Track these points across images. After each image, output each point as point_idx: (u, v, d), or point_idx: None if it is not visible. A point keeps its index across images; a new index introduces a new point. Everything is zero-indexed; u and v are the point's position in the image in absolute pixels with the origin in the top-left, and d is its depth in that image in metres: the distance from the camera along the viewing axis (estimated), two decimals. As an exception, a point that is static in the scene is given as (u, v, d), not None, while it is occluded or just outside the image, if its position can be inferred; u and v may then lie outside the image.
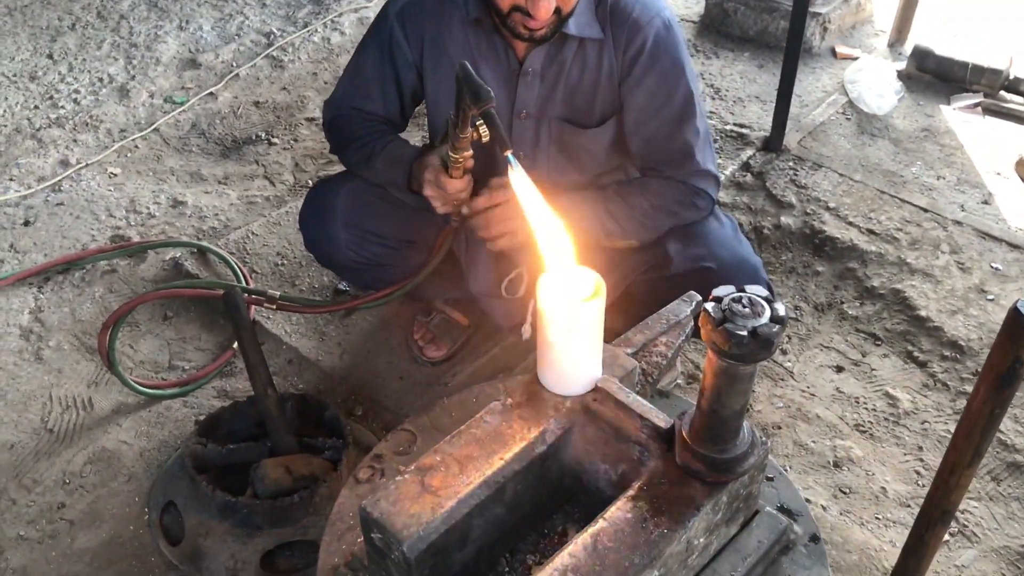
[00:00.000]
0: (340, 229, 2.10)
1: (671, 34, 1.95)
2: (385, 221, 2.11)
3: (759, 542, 1.38)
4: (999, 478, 2.17)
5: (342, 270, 2.30)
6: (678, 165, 2.03)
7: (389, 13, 2.01)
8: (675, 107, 1.98)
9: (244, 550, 1.90)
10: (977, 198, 2.98)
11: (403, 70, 2.04)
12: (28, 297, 2.62)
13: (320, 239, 2.16)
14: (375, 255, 2.14)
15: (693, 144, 2.01)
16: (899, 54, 3.75)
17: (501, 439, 1.35)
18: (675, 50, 1.96)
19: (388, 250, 2.14)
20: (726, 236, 2.07)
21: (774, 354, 1.62)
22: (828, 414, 2.32)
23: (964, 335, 2.48)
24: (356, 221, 2.10)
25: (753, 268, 2.01)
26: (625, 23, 1.92)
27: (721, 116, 3.35)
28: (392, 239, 2.13)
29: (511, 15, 1.81)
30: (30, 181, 3.06)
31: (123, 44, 3.75)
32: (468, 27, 1.94)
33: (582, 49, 1.94)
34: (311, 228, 2.17)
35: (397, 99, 2.09)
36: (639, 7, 1.92)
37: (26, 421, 2.27)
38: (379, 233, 2.12)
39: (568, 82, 1.97)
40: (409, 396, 2.30)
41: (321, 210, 2.13)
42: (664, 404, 1.66)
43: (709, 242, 2.03)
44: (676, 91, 1.98)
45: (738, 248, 2.04)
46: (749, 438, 1.30)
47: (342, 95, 2.14)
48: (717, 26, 3.92)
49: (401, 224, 2.13)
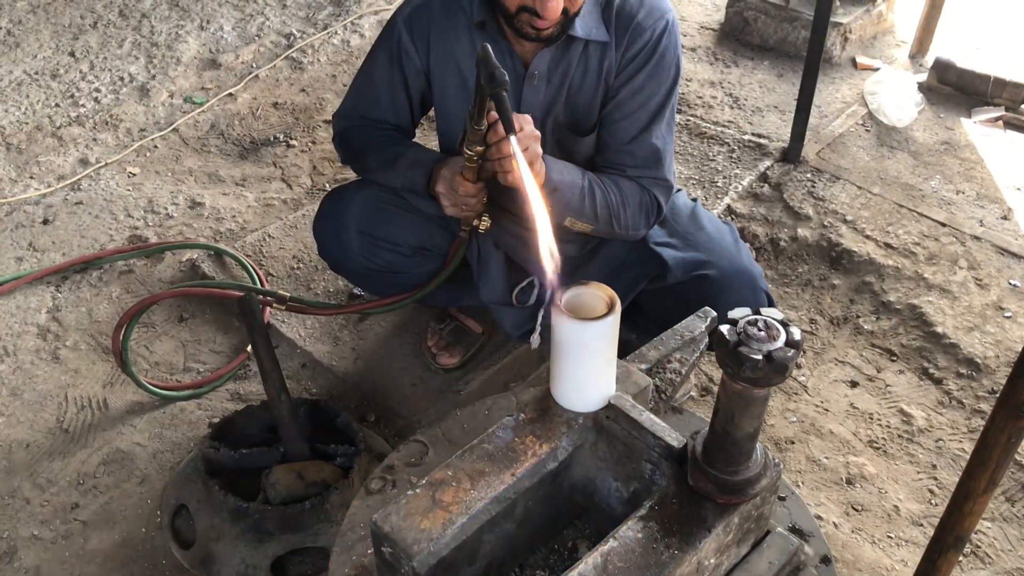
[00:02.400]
0: (353, 236, 2.11)
1: (670, 39, 1.95)
2: (399, 229, 2.12)
3: (770, 563, 1.38)
4: (1013, 499, 2.16)
5: (355, 277, 2.30)
6: (643, 167, 2.01)
7: (397, 20, 2.02)
8: (650, 109, 1.98)
9: (255, 555, 1.91)
10: (996, 213, 2.96)
11: (412, 76, 2.05)
12: (46, 296, 2.64)
13: (333, 246, 2.17)
14: (388, 263, 2.14)
15: (658, 148, 1.99)
16: (920, 66, 3.72)
17: (513, 455, 1.35)
18: (668, 55, 1.95)
19: (401, 258, 2.14)
20: (725, 244, 2.06)
21: (788, 378, 1.61)
22: (842, 430, 2.31)
23: (981, 352, 2.46)
24: (369, 229, 2.10)
25: (751, 277, 2.01)
26: (629, 26, 1.92)
27: (739, 126, 3.34)
28: (405, 247, 2.14)
29: (519, 15, 1.80)
30: (50, 179, 3.09)
31: (144, 43, 3.77)
32: (473, 31, 1.94)
33: (586, 52, 1.94)
34: (324, 235, 2.18)
35: (407, 106, 2.10)
36: (644, 10, 1.92)
37: (42, 421, 2.29)
38: (392, 240, 2.12)
39: (572, 85, 1.97)
40: (422, 403, 2.31)
41: (335, 217, 2.14)
42: (677, 421, 1.66)
43: (709, 250, 2.02)
44: (656, 94, 1.97)
45: (737, 257, 2.03)
46: (762, 459, 1.30)
47: (351, 106, 2.14)
48: (737, 34, 3.91)
49: (414, 232, 2.14)
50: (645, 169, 2.01)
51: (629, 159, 2.01)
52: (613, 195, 1.98)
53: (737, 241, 2.10)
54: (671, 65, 1.96)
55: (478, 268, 2.18)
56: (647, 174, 2.01)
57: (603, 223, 2.00)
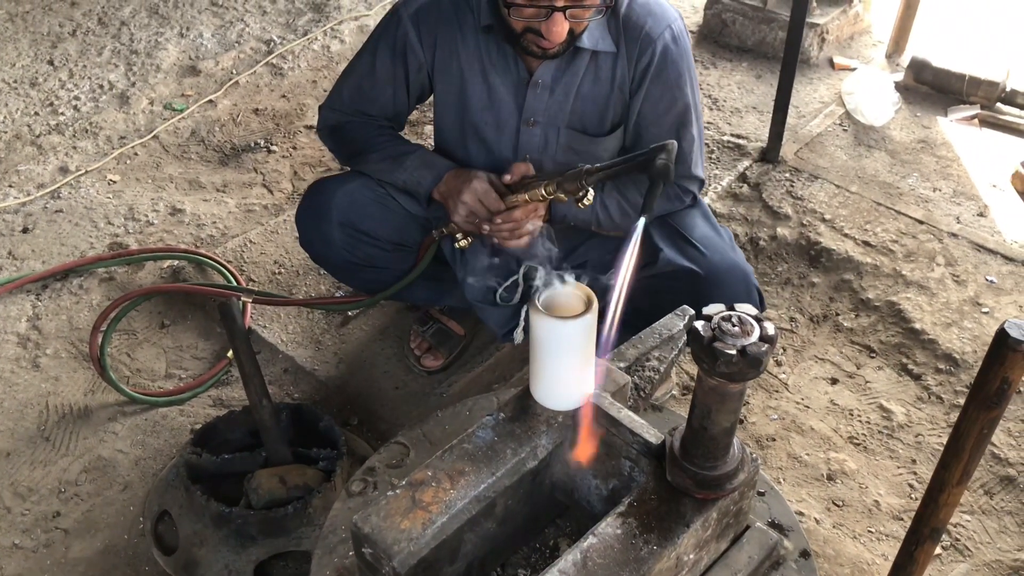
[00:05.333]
0: (335, 228, 2.11)
1: (679, 46, 1.98)
2: (379, 224, 2.12)
3: (749, 558, 1.39)
4: (992, 492, 2.18)
5: (336, 270, 2.29)
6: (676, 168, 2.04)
7: (402, 15, 2.01)
8: (675, 115, 2.01)
9: (238, 560, 1.91)
10: (973, 210, 2.99)
11: (413, 72, 2.05)
12: (26, 304, 2.63)
13: (315, 238, 2.17)
14: (368, 256, 2.15)
15: (688, 151, 2.04)
16: (897, 65, 3.76)
17: (493, 454, 1.36)
18: (681, 61, 1.98)
19: (381, 252, 2.15)
20: (721, 242, 2.07)
21: (763, 373, 1.63)
22: (822, 426, 2.33)
23: (959, 348, 2.49)
24: (350, 221, 2.11)
25: (744, 273, 2.02)
26: (637, 37, 1.93)
27: (718, 127, 3.36)
28: (385, 242, 2.14)
29: (524, 35, 1.83)
30: (29, 188, 3.08)
31: (124, 51, 3.76)
32: (480, 34, 1.95)
33: (594, 61, 1.96)
34: (307, 227, 2.18)
35: (405, 100, 2.10)
36: (651, 20, 1.94)
37: (22, 429, 2.28)
38: (373, 235, 2.13)
39: (580, 92, 1.99)
40: (405, 406, 2.31)
41: (317, 209, 2.14)
42: (657, 418, 1.67)
43: (705, 245, 2.03)
44: (678, 100, 2.00)
45: (730, 253, 2.05)
46: (739, 455, 1.31)
47: (348, 99, 2.13)
48: (715, 36, 3.93)
49: (395, 228, 2.14)
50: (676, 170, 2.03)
51: None
52: (634, 198, 2.03)
53: (733, 244, 2.12)
54: (686, 70, 2.00)
55: (462, 268, 2.19)
56: (678, 173, 2.04)
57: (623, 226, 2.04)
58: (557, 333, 1.32)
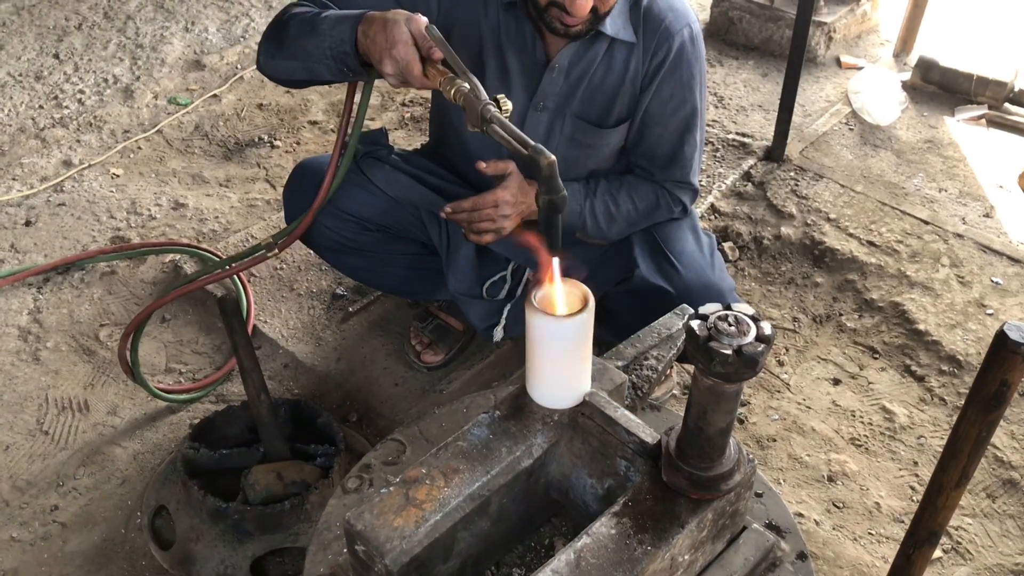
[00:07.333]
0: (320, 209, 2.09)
1: (695, 47, 1.96)
2: (362, 206, 2.10)
3: (745, 560, 1.37)
4: (994, 495, 2.16)
5: (323, 250, 2.26)
6: (668, 172, 2.05)
7: None
8: (681, 117, 2.00)
9: (234, 556, 1.91)
10: (979, 211, 2.97)
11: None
12: (27, 298, 2.63)
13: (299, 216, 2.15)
14: (352, 238, 2.13)
15: (689, 156, 2.04)
16: (904, 64, 3.74)
17: (488, 452, 1.34)
18: (695, 63, 1.97)
19: (366, 234, 2.13)
20: (699, 258, 2.04)
21: (759, 373, 1.62)
22: (824, 427, 2.32)
23: (963, 350, 2.47)
24: (335, 201, 2.08)
25: (718, 294, 1.96)
26: (657, 30, 1.92)
27: (724, 125, 3.35)
28: (370, 223, 2.13)
29: (549, 9, 1.80)
30: (33, 181, 3.08)
31: (129, 45, 3.76)
32: (502, 10, 1.93)
33: (611, 50, 1.94)
34: (292, 206, 2.16)
35: None
36: (671, 15, 1.93)
37: (22, 422, 2.28)
38: (357, 216, 2.11)
39: (592, 81, 1.97)
40: (404, 403, 2.30)
41: (301, 188, 2.11)
42: (655, 418, 1.66)
43: (681, 263, 2.00)
44: (687, 102, 1.99)
45: (707, 272, 2.01)
46: (735, 455, 1.30)
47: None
48: (722, 34, 3.92)
49: (379, 210, 2.10)
50: (673, 174, 2.05)
51: (659, 165, 2.05)
52: (625, 203, 2.02)
53: (713, 255, 2.09)
54: (698, 73, 1.99)
55: (447, 258, 2.17)
56: (675, 178, 2.06)
57: (610, 233, 2.05)
58: (553, 331, 1.31)
